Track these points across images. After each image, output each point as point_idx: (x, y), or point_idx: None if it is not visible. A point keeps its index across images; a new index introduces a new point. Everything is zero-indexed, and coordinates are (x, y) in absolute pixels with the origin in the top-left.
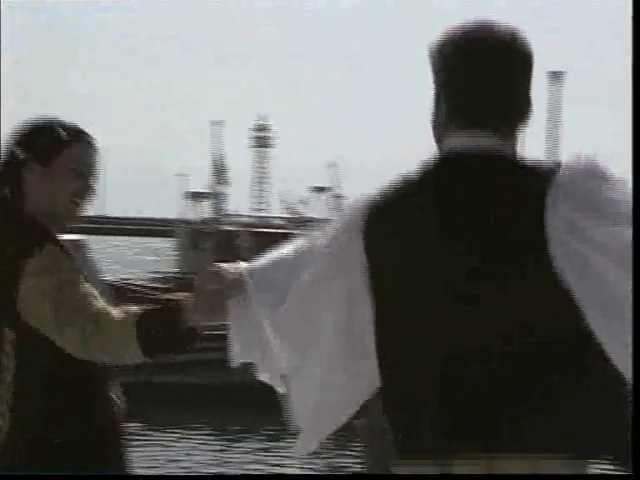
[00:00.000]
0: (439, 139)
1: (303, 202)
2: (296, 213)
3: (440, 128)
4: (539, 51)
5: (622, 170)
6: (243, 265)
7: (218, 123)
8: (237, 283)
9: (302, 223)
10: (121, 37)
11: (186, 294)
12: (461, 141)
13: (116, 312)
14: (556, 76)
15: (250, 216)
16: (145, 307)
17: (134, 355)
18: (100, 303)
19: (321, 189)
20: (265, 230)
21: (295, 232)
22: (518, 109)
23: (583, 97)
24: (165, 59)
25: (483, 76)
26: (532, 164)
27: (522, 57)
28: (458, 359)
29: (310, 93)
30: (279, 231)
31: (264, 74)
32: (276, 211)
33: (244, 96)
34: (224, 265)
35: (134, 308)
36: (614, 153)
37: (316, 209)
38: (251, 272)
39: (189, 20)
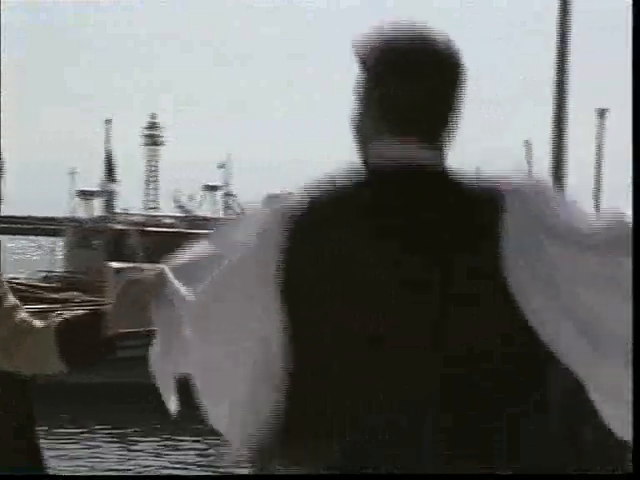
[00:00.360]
0: (364, 143)
1: (194, 200)
2: (187, 212)
3: (367, 132)
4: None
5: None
6: (161, 266)
7: (109, 121)
8: (158, 285)
9: (193, 221)
10: (121, 37)
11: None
12: (395, 150)
13: (36, 322)
14: None
15: (141, 215)
16: (65, 316)
17: (55, 366)
18: (20, 314)
19: (213, 187)
20: (156, 229)
21: (186, 231)
22: (449, 120)
23: None
24: (165, 59)
25: (427, 85)
26: (475, 181)
27: (456, 66)
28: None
29: (200, 92)
30: (170, 230)
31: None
32: (167, 210)
33: (136, 95)
34: (143, 268)
35: (55, 318)
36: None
37: (207, 208)
38: (172, 270)
39: (189, 20)
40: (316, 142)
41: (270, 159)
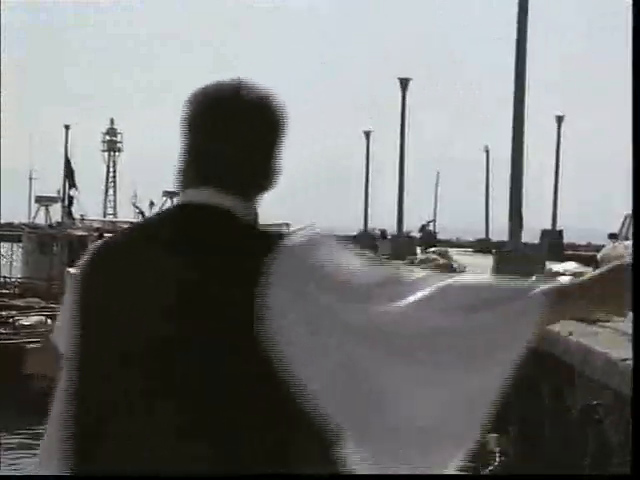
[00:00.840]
0: (178, 191)
1: (154, 206)
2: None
3: (178, 180)
4: None
5: None
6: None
7: (68, 127)
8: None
9: None
10: (121, 37)
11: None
12: (188, 195)
13: None
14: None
15: (100, 220)
16: None
17: None
18: None
19: (173, 193)
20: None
21: None
22: (258, 174)
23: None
24: (165, 59)
25: (221, 135)
26: (257, 231)
27: (272, 123)
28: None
29: (163, 96)
30: None
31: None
32: (126, 215)
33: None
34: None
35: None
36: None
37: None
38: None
39: (189, 20)
40: (292, 147)
41: None
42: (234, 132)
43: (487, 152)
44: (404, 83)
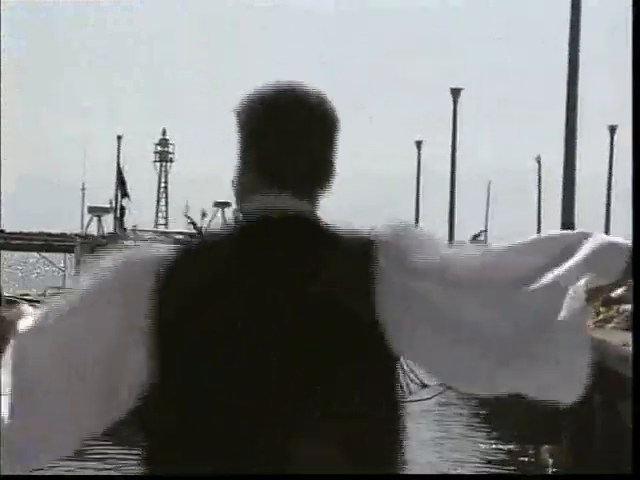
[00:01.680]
0: (242, 198)
1: (205, 217)
2: (199, 228)
3: (243, 187)
4: None
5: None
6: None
7: (120, 137)
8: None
9: None
10: (121, 37)
11: None
12: (264, 201)
13: None
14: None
15: (152, 231)
16: None
17: None
18: None
19: (224, 204)
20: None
21: None
22: (322, 174)
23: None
24: (165, 59)
25: (290, 139)
26: (341, 230)
27: (329, 123)
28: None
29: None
30: None
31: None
32: (178, 226)
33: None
34: None
35: None
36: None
37: (219, 224)
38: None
39: (188, 20)
40: None
41: None
42: (303, 136)
43: (539, 162)
44: (455, 93)
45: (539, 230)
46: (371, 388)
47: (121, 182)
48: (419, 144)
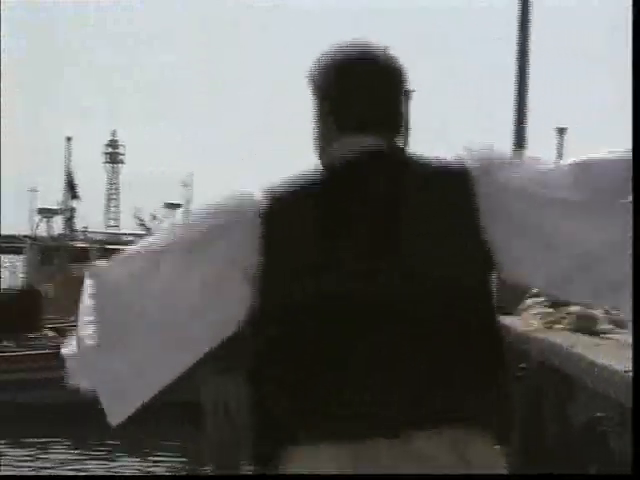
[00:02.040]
0: (324, 148)
1: (156, 218)
2: (149, 229)
3: (325, 138)
4: None
5: None
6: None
7: (70, 138)
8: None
9: None
10: (121, 37)
11: None
12: (352, 142)
13: None
14: None
15: (102, 232)
16: None
17: None
18: None
19: (174, 205)
20: (117, 246)
21: None
22: (395, 121)
23: None
24: (165, 59)
25: (365, 88)
26: (430, 159)
27: (397, 76)
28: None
29: (165, 110)
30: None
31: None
32: (128, 227)
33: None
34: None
35: None
36: None
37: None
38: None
39: (188, 20)
40: (282, 163)
41: (231, 177)
42: (376, 87)
43: None
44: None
45: None
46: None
47: (70, 183)
48: None
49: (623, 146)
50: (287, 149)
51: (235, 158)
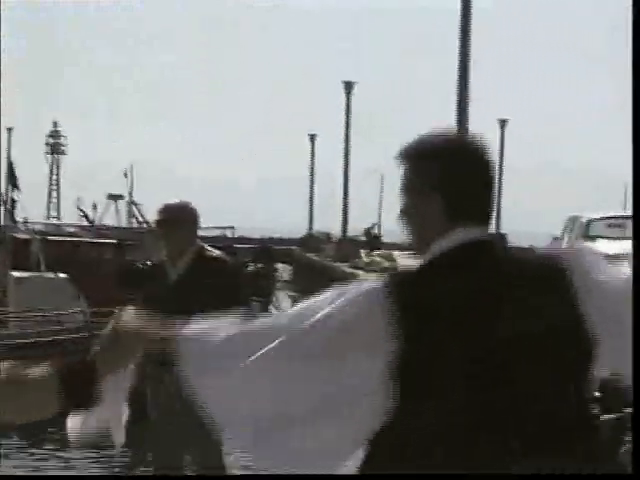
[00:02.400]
0: (433, 235)
1: (97, 209)
2: (90, 220)
3: (435, 225)
4: None
5: None
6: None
7: (10, 129)
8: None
9: (97, 230)
10: (121, 37)
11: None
12: (467, 233)
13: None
14: None
15: (44, 223)
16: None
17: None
18: None
19: (116, 196)
20: (58, 238)
21: (89, 240)
22: (492, 208)
23: None
24: (167, 59)
25: (478, 181)
26: (536, 255)
27: (493, 164)
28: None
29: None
30: (72, 239)
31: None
32: (69, 218)
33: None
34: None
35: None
36: None
37: (110, 216)
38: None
39: (187, 20)
40: (224, 151)
41: (175, 168)
42: (488, 177)
43: None
44: (348, 87)
45: None
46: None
47: (11, 174)
48: (313, 138)
49: (623, 146)
50: (287, 149)
51: (235, 158)
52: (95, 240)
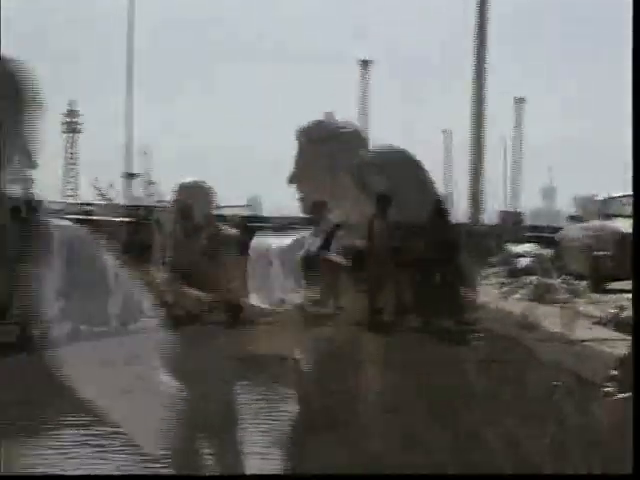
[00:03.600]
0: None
1: (114, 188)
2: (107, 199)
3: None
4: None
5: None
6: None
7: None
8: None
9: (113, 209)
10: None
11: None
12: None
13: None
14: None
15: (60, 202)
16: None
17: None
18: None
19: (132, 175)
20: (76, 216)
21: (105, 218)
22: None
23: None
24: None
25: None
26: None
27: None
28: None
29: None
30: (89, 217)
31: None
32: (86, 197)
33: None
34: None
35: None
36: None
37: (127, 195)
38: None
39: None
40: (240, 129)
41: (192, 146)
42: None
43: (446, 134)
44: (364, 65)
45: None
46: None
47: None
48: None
49: (622, 146)
50: (287, 149)
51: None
52: (111, 219)
